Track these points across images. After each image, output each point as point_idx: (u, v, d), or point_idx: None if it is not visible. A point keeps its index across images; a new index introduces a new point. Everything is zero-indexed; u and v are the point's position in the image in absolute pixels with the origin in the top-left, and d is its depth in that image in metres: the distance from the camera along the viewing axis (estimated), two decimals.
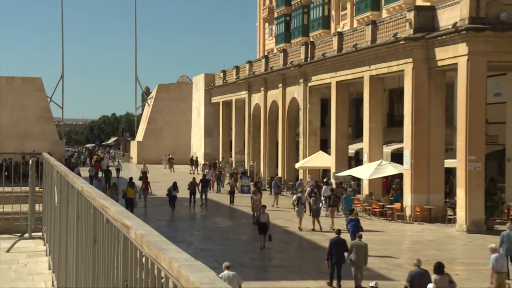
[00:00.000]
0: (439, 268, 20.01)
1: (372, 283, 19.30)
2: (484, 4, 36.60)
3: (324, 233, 35.05)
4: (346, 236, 27.43)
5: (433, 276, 19.95)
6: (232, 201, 48.54)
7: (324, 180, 49.50)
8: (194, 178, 51.38)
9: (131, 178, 45.93)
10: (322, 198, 42.05)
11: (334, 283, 24.13)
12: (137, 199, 42.83)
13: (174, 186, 46.23)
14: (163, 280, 3.53)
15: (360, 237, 25.52)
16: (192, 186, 48.93)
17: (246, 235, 35.46)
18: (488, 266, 26.78)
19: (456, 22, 37.30)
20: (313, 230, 36.95)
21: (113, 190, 40.42)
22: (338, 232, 26.32)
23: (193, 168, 72.85)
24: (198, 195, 48.98)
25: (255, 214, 32.63)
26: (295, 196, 41.86)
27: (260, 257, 28.87)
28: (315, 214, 37.64)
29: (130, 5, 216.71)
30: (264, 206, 32.47)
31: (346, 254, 24.46)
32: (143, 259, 3.97)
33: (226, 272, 20.23)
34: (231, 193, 49.28)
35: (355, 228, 28.01)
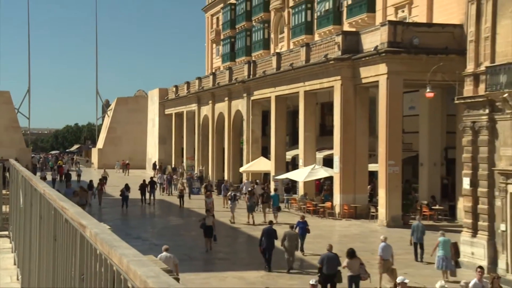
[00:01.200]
0: (351, 253, 21.25)
1: (312, 281, 18.88)
2: (400, 30, 37.58)
3: (258, 226, 35.70)
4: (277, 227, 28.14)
5: (346, 260, 21.10)
6: (181, 205, 47.63)
7: (256, 181, 50.01)
8: (144, 180, 51.87)
9: (91, 181, 48.29)
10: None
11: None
12: (91, 199, 43.43)
13: (127, 188, 47.09)
14: (115, 274, 3.50)
15: (292, 227, 26.95)
16: (142, 187, 50.06)
17: (196, 232, 35.62)
18: (407, 255, 27.54)
19: (377, 46, 38.11)
20: (248, 223, 38.25)
21: (82, 193, 40.01)
22: (270, 223, 28.47)
23: (156, 172, 72.61)
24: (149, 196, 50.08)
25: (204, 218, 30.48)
26: (230, 193, 43.55)
27: (208, 252, 28.58)
28: (250, 209, 38.84)
29: (91, 26, 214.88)
30: (209, 211, 31.43)
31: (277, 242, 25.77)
32: (97, 255, 3.95)
33: (164, 253, 21.43)
34: (181, 197, 48.11)
35: (303, 230, 27.87)
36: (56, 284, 5.78)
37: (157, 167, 76.56)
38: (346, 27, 50.14)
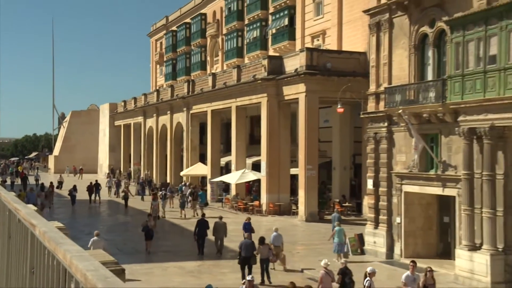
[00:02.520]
0: (262, 241, 22.57)
1: (249, 277, 17.92)
2: (316, 56, 38.01)
3: (190, 219, 37.31)
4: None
5: (258, 246, 22.28)
6: (126, 206, 46.45)
7: (185, 183, 50.98)
8: (91, 182, 51.73)
9: (42, 184, 50.11)
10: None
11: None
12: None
13: (74, 188, 47.90)
14: (60, 268, 3.45)
15: (221, 218, 28.21)
16: (89, 189, 50.29)
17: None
18: (322, 244, 27.93)
19: (297, 68, 38.39)
20: (180, 217, 39.98)
21: (48, 196, 39.15)
22: (203, 215, 30.07)
23: (112, 175, 71.70)
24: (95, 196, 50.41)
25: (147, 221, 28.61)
26: (161, 192, 44.88)
27: (152, 245, 27.34)
28: (181, 206, 41.05)
29: (49, 48, 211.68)
30: (150, 215, 30.21)
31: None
32: (46, 251, 3.88)
33: (95, 237, 22.00)
34: (125, 199, 46.99)
35: (248, 231, 25.94)
36: (10, 278, 5.66)
37: (109, 172, 75.73)
38: (271, 52, 50.47)
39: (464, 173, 22.19)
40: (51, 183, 51.08)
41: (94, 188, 50.57)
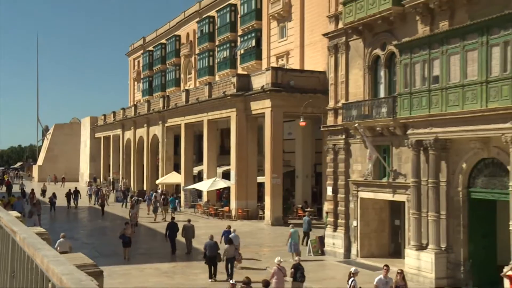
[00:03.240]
0: (229, 241, 22.95)
1: (231, 281, 17.72)
2: (280, 74, 38.19)
3: (162, 223, 37.37)
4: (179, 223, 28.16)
5: (226, 246, 22.65)
6: (103, 213, 45.35)
7: (157, 190, 51.74)
8: (69, 190, 51.73)
9: (23, 190, 50.73)
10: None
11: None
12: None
13: (54, 195, 47.33)
14: (39, 272, 3.40)
15: (189, 221, 28.70)
16: (68, 195, 50.27)
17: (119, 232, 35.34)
18: (284, 246, 27.99)
19: (263, 85, 38.59)
20: (155, 221, 40.24)
21: (37, 205, 38.51)
22: (173, 219, 30.24)
23: (93, 184, 70.91)
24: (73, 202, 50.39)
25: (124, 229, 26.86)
26: (133, 198, 46.13)
27: (126, 260, 26.02)
28: (154, 211, 41.89)
29: (33, 65, 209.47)
30: (127, 223, 28.16)
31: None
32: (25, 256, 3.82)
33: (61, 239, 21.80)
34: (102, 206, 46.02)
35: (227, 238, 25.02)
36: None
37: (90, 180, 75.10)
38: (239, 71, 50.63)
39: (412, 180, 22.45)
40: (32, 190, 50.56)
41: (72, 195, 50.62)
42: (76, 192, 51.50)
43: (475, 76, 19.07)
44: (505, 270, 17.83)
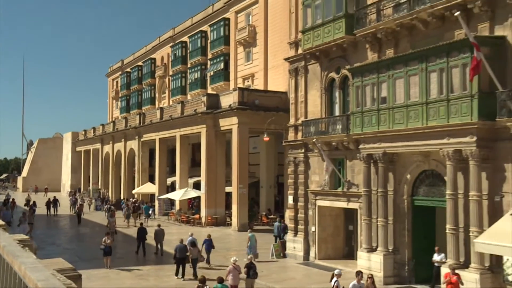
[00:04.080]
0: (193, 244, 23.33)
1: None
2: (246, 94, 38.38)
3: (133, 228, 37.38)
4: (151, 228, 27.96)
5: (193, 248, 23.05)
6: (79, 222, 43.59)
7: (127, 199, 52.33)
8: (49, 199, 51.45)
9: (5, 200, 49.32)
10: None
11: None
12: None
13: (34, 204, 47.09)
14: (17, 279, 3.36)
15: (159, 226, 29.31)
16: (48, 204, 50.10)
17: (99, 238, 34.80)
18: (244, 249, 28.00)
19: (231, 104, 38.70)
20: (128, 227, 40.16)
21: (30, 212, 37.83)
22: (142, 224, 30.98)
23: (80, 194, 69.78)
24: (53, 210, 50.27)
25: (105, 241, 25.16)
26: (106, 206, 46.37)
27: (108, 268, 24.96)
28: (127, 217, 42.31)
29: (19, 84, 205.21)
30: (108, 233, 26.51)
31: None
32: (5, 263, 3.74)
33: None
34: (78, 215, 44.43)
35: (209, 246, 25.22)
36: None
37: (71, 190, 74.05)
38: (209, 91, 50.65)
39: (364, 190, 22.70)
40: (13, 199, 49.88)
41: (52, 203, 50.35)
42: (55, 201, 51.33)
43: (417, 98, 19.55)
44: (435, 258, 19.07)
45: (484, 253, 17.39)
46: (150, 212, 44.92)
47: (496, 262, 17.71)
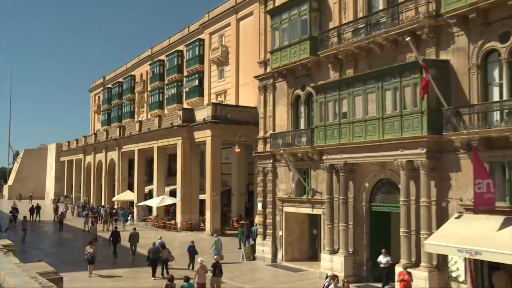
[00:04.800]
0: (163, 245, 24.24)
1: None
2: (219, 109, 38.36)
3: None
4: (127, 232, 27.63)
5: (163, 250, 23.67)
6: (61, 229, 41.62)
7: (103, 206, 52.10)
8: (32, 205, 50.91)
9: None
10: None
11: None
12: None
13: (16, 210, 46.20)
14: None
15: (134, 229, 29.91)
16: (31, 210, 49.41)
17: (80, 242, 34.31)
18: (230, 250, 27.93)
19: (205, 118, 38.64)
20: (103, 230, 39.67)
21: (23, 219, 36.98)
22: (115, 228, 31.32)
23: (64, 201, 68.36)
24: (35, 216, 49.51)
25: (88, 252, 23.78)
26: (84, 212, 46.44)
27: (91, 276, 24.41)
28: (104, 222, 42.52)
29: (6, 97, 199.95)
30: (91, 242, 24.84)
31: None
32: None
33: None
34: (60, 222, 42.39)
35: (192, 253, 24.38)
36: None
37: (55, 198, 72.68)
38: (185, 105, 50.44)
39: (327, 197, 22.89)
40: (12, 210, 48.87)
41: (35, 210, 49.64)
42: (38, 207, 50.62)
43: (374, 113, 19.95)
44: (380, 260, 19.56)
45: (432, 253, 17.84)
46: (129, 218, 44.52)
47: (442, 261, 18.16)
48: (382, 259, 19.78)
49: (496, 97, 17.26)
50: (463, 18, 17.69)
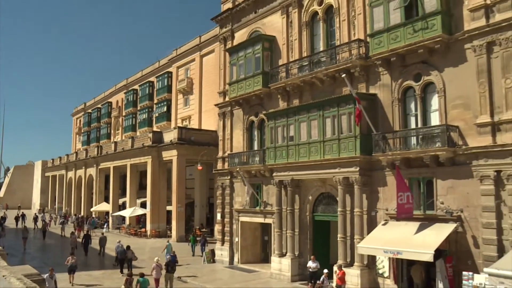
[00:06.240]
0: (128, 247, 24.14)
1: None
2: (184, 132, 37.92)
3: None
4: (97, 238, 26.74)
5: (128, 251, 23.83)
6: (44, 237, 38.89)
7: (75, 215, 51.58)
8: (18, 214, 49.55)
9: None
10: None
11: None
12: None
13: (2, 218, 45.22)
14: None
15: (103, 234, 30.39)
16: (16, 218, 48.41)
17: (62, 247, 32.82)
18: (185, 257, 27.29)
19: (171, 139, 38.16)
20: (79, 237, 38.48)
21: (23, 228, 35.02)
22: (87, 232, 31.76)
23: (52, 211, 65.34)
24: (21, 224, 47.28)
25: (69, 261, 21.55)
26: (60, 220, 45.82)
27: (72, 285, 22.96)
28: (79, 225, 41.98)
29: None
30: (72, 253, 22.89)
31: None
32: None
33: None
34: (43, 232, 39.60)
35: (173, 262, 22.03)
36: None
37: (42, 208, 69.90)
38: (155, 128, 49.77)
39: (276, 208, 22.86)
40: None
41: (19, 218, 48.33)
42: (23, 215, 49.30)
43: (316, 137, 20.14)
44: (309, 265, 19.35)
45: (364, 254, 18.04)
46: (105, 226, 43.09)
47: (372, 260, 18.39)
48: (311, 264, 19.49)
49: (413, 125, 17.82)
50: (386, 61, 18.28)
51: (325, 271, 18.06)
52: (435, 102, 17.15)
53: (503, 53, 15.09)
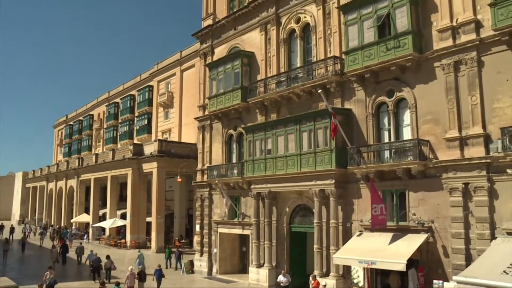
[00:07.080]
0: (108, 257, 24.47)
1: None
2: (164, 144, 37.46)
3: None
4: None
5: (105, 261, 24.11)
6: (23, 250, 36.28)
7: (52, 226, 51.49)
8: (1, 223, 48.20)
9: None
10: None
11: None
12: None
13: None
14: None
15: (81, 243, 30.88)
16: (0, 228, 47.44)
17: (41, 258, 31.66)
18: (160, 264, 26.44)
19: (152, 152, 37.63)
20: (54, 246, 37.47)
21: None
22: (64, 241, 33.02)
23: (31, 222, 63.23)
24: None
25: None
26: (39, 230, 45.61)
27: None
28: (52, 239, 41.52)
29: None
30: (50, 267, 20.79)
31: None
32: None
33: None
34: (23, 244, 36.68)
35: (159, 276, 21.14)
36: None
37: (20, 219, 67.76)
38: (135, 141, 48.95)
39: (254, 220, 22.62)
40: None
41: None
42: (2, 226, 48.19)
43: (293, 150, 20.10)
44: (279, 279, 19.00)
45: (339, 264, 17.87)
46: (85, 237, 41.96)
47: (347, 270, 18.23)
48: (282, 278, 19.08)
49: (386, 139, 17.89)
50: (360, 77, 18.38)
51: (324, 282, 17.31)
52: (407, 117, 17.27)
53: (469, 71, 15.35)
